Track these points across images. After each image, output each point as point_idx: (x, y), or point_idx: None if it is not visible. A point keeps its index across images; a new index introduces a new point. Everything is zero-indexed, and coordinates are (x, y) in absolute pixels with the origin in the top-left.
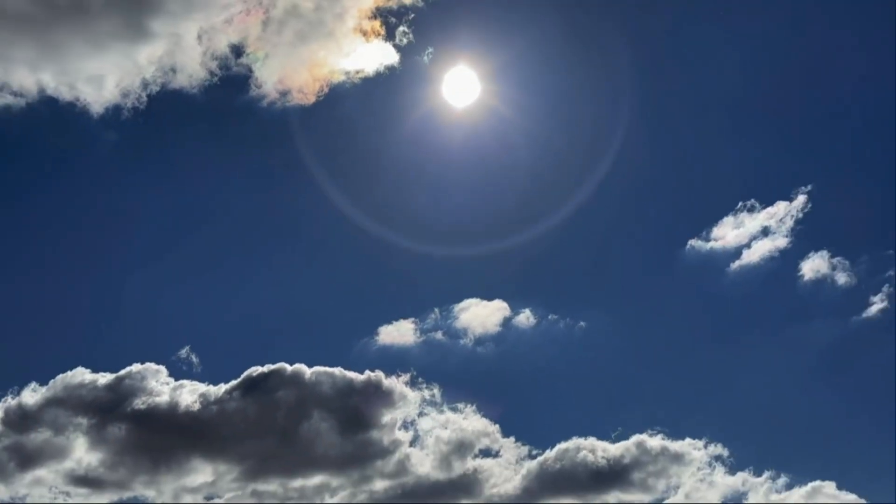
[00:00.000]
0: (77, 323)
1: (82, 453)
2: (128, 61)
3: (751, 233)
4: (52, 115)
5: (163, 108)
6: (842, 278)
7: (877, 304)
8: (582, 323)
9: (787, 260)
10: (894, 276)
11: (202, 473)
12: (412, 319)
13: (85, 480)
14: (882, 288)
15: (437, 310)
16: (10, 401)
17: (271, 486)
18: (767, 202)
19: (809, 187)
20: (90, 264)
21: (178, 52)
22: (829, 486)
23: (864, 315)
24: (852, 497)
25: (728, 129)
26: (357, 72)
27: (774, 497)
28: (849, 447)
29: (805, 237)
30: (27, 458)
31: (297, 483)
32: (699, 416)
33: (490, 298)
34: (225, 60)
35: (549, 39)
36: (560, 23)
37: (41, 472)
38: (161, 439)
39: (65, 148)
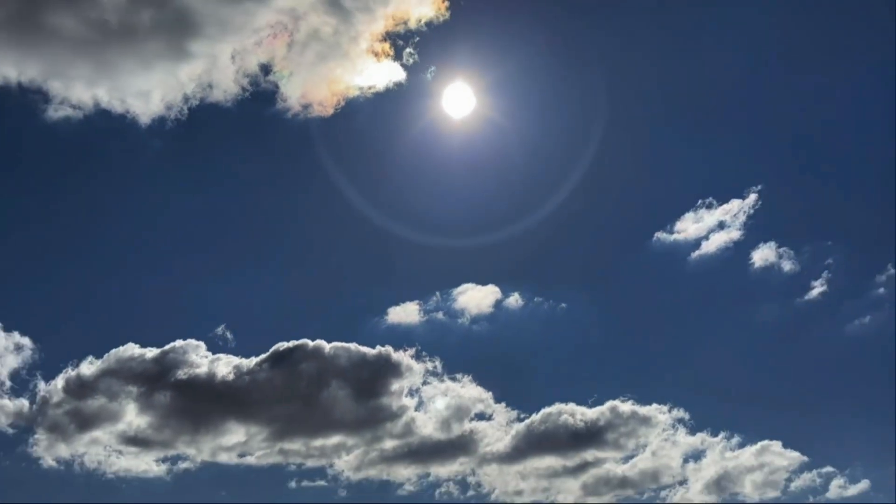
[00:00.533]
0: (128, 304)
1: (132, 417)
2: (171, 78)
3: (709, 226)
4: (106, 125)
5: (201, 119)
6: (787, 266)
7: (817, 289)
8: (563, 304)
9: (740, 250)
10: (833, 264)
11: (236, 434)
12: (417, 301)
13: (134, 440)
14: (822, 274)
15: (438, 293)
16: (70, 372)
17: (296, 444)
18: (723, 200)
19: (759, 187)
20: (140, 254)
21: (215, 70)
22: (776, 445)
23: (806, 298)
24: (796, 454)
25: (689, 136)
26: (369, 87)
27: (728, 454)
28: (793, 411)
29: (755, 230)
30: (85, 422)
31: (318, 442)
32: (664, 385)
33: (484, 283)
34: (255, 78)
35: (535, 59)
36: (544, 44)
37: (97, 434)
38: (200, 405)
39: (117, 154)
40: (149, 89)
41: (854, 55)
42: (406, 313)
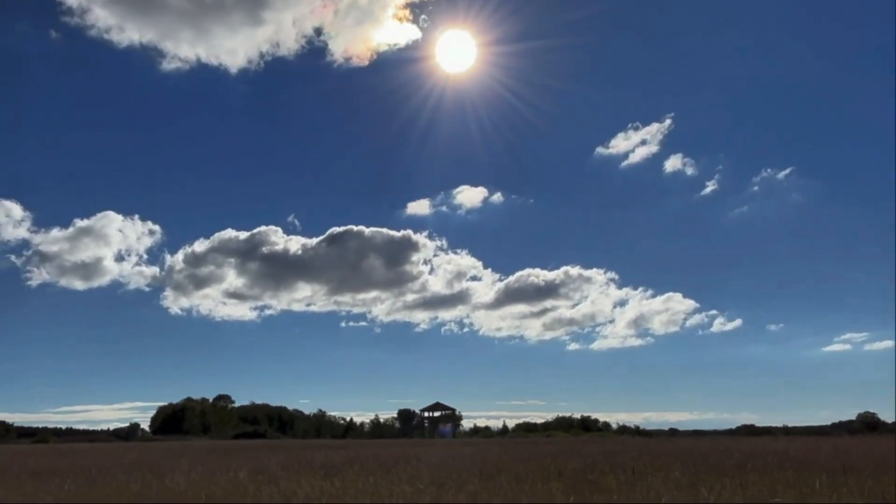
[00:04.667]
0: (226, 201)
1: (232, 279)
2: (250, 39)
3: (634, 143)
4: (205, 75)
5: (273, 69)
6: (689, 171)
7: (710, 187)
8: (532, 200)
9: (656, 160)
10: (722, 170)
11: (303, 291)
12: (428, 198)
13: (234, 295)
14: (714, 177)
15: (442, 192)
16: (187, 248)
17: (345, 297)
18: (646, 123)
19: (673, 114)
20: (232, 166)
21: (281, 32)
22: (678, 296)
23: (702, 193)
24: (691, 301)
25: (622, 75)
26: (394, 44)
27: (644, 302)
28: (690, 271)
29: (668, 145)
30: (199, 282)
31: (361, 296)
32: (602, 254)
33: (475, 185)
34: (310, 38)
35: (528, 17)
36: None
37: (208, 291)
38: (278, 271)
39: (214, 95)
40: (235, 47)
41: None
42: (420, 206)
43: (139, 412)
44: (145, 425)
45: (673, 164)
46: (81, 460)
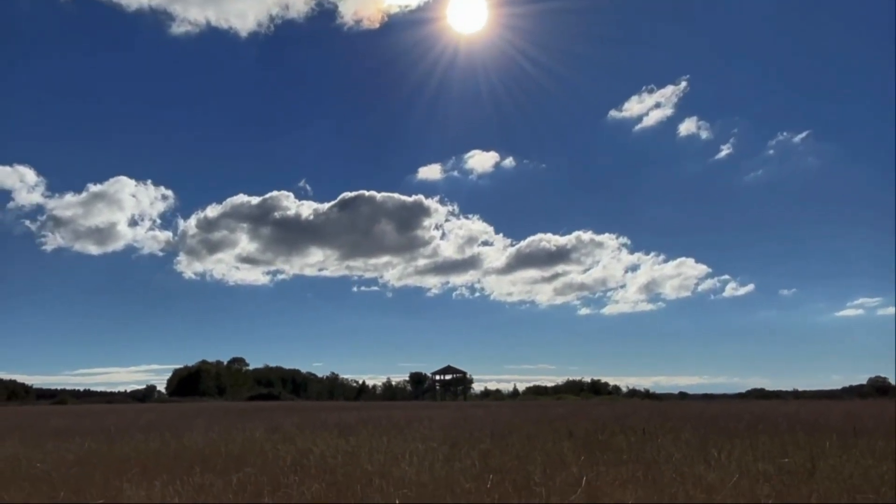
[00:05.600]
0: (237, 166)
1: (245, 244)
2: (260, 3)
3: (648, 106)
4: (215, 37)
5: (283, 32)
6: (704, 134)
7: (725, 151)
8: (543, 165)
9: (670, 123)
10: (737, 133)
11: (316, 256)
12: (439, 163)
13: (247, 259)
14: (729, 140)
15: (454, 157)
16: (200, 213)
17: (357, 262)
18: (661, 86)
19: (688, 76)
20: (244, 128)
21: None
22: (690, 260)
23: (716, 157)
24: (703, 266)
25: (636, 37)
26: (405, 6)
27: (656, 267)
28: (703, 235)
29: (682, 108)
30: (212, 247)
31: (373, 261)
32: (614, 220)
33: (487, 150)
34: (320, 0)
35: None
36: None
37: (221, 255)
38: (290, 236)
39: (225, 58)
40: (244, 10)
41: None
42: (431, 171)
43: (155, 375)
44: (161, 387)
45: (687, 127)
46: (100, 420)
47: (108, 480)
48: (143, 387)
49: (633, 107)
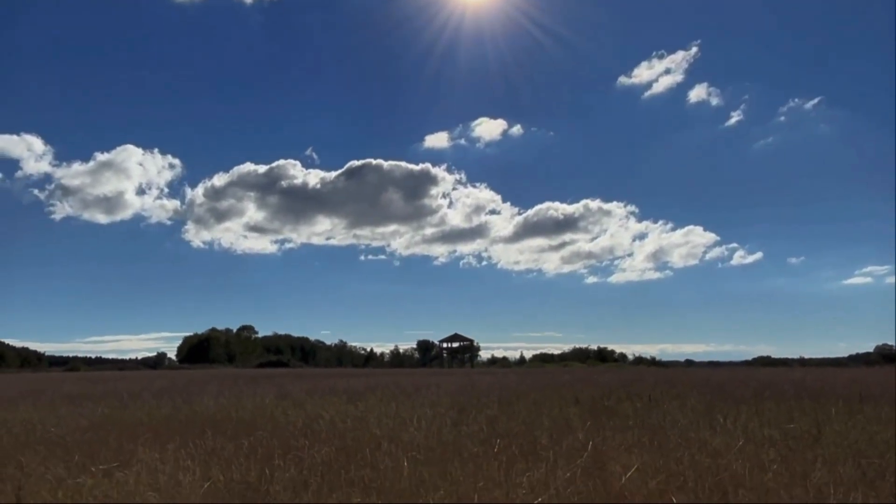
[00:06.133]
0: (243, 135)
1: (252, 213)
2: None
3: (658, 72)
4: (220, 3)
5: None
6: (714, 101)
7: (735, 117)
8: (552, 132)
9: (680, 90)
10: (748, 99)
11: (323, 224)
12: (447, 130)
13: (255, 228)
14: (739, 107)
15: (461, 125)
16: (207, 182)
17: (364, 231)
18: (671, 52)
19: (699, 41)
20: (246, 101)
21: None
22: (699, 229)
23: (727, 124)
24: (711, 234)
25: (647, 5)
26: None
27: (664, 235)
28: (712, 204)
29: (692, 74)
30: (219, 216)
31: (380, 230)
32: (622, 188)
33: (495, 117)
34: None
35: None
36: None
37: (228, 224)
38: (298, 205)
39: (232, 24)
40: None
41: None
42: (438, 140)
43: (165, 342)
44: (172, 354)
45: (697, 93)
46: (112, 386)
47: (122, 444)
48: (154, 354)
49: (643, 73)
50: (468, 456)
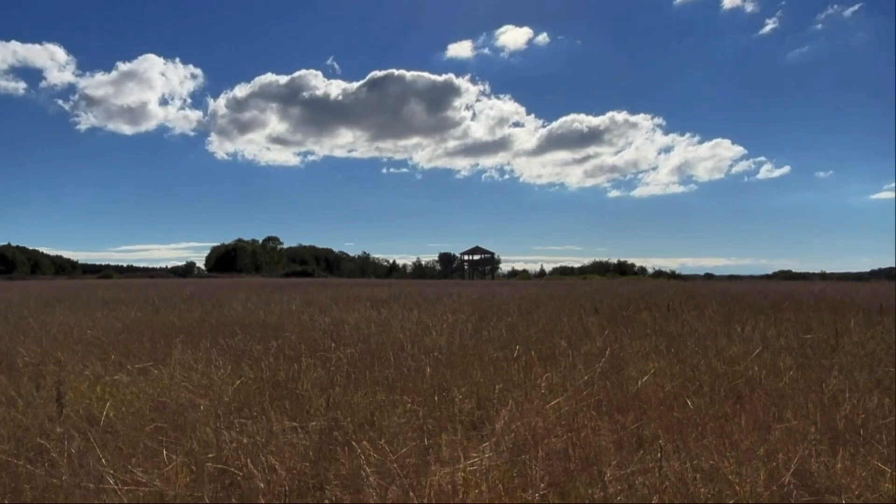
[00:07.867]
0: (264, 45)
1: (275, 124)
2: None
3: None
4: None
5: None
6: (749, 7)
7: (770, 25)
8: (578, 41)
9: None
10: (784, 6)
11: (345, 137)
12: (470, 39)
13: (277, 140)
14: (776, 14)
15: (485, 33)
16: (229, 93)
17: (387, 144)
18: None
19: None
20: (266, 8)
21: None
22: (726, 142)
23: (762, 32)
24: (739, 147)
25: None
26: None
27: (690, 149)
28: (742, 116)
29: None
30: (243, 127)
31: (402, 142)
32: (650, 99)
33: (520, 25)
34: None
35: None
36: None
37: (251, 136)
38: (320, 116)
39: None
40: None
41: None
42: (461, 49)
43: (194, 252)
44: (201, 264)
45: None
46: (144, 293)
47: (156, 345)
48: (183, 263)
49: None
50: (488, 360)
